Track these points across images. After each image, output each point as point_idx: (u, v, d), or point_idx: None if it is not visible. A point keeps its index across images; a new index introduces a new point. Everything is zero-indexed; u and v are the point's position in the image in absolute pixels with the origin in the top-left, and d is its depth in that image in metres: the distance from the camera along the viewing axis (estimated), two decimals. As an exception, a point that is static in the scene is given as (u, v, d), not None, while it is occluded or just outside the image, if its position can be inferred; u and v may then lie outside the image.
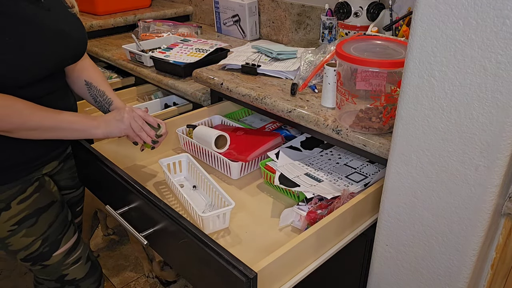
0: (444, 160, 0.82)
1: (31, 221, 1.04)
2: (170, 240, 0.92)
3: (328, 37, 1.69)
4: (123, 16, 2.23)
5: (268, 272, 0.80)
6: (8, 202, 1.00)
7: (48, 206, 1.08)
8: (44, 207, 1.06)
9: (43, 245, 1.07)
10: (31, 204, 1.04)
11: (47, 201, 1.07)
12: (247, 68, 1.40)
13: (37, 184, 1.05)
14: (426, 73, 0.79)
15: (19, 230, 1.03)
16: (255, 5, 2.00)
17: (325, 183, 1.11)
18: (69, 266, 1.14)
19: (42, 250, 1.07)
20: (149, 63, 1.74)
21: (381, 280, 1.06)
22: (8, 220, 1.01)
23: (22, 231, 1.03)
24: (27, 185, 1.03)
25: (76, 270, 1.16)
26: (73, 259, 1.14)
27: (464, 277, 0.89)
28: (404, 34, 1.29)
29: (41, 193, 1.06)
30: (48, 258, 1.09)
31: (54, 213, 1.09)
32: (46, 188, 1.08)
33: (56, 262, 1.11)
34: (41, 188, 1.06)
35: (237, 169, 1.21)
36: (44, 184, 1.07)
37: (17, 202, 1.01)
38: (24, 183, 1.02)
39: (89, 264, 1.20)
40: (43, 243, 1.07)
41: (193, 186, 1.16)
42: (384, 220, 0.99)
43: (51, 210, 1.08)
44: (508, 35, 0.67)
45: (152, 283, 1.90)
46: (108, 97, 1.16)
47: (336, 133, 1.07)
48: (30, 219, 1.04)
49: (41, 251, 1.07)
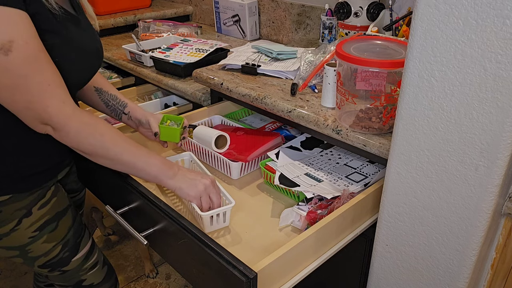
0: (444, 160, 0.82)
1: (52, 225, 1.02)
2: (170, 240, 0.92)
3: (328, 37, 1.69)
4: (123, 16, 2.23)
5: (268, 272, 0.80)
6: (29, 209, 0.98)
7: (66, 210, 1.06)
8: (62, 210, 1.05)
9: (63, 250, 1.06)
10: (51, 209, 1.02)
11: (64, 205, 1.06)
12: (247, 68, 1.40)
13: (54, 188, 1.04)
14: (426, 73, 0.79)
15: (40, 235, 1.01)
16: (255, 5, 2.00)
17: (325, 183, 1.11)
18: (87, 271, 1.12)
19: (62, 255, 1.06)
20: (149, 63, 1.74)
21: (381, 280, 1.06)
22: (30, 227, 0.99)
23: (44, 237, 1.01)
24: (45, 190, 1.01)
25: (94, 275, 1.14)
26: (90, 263, 1.13)
27: (464, 277, 0.89)
28: (404, 34, 1.29)
29: (58, 197, 1.05)
30: (68, 263, 1.07)
31: (71, 217, 1.08)
32: (62, 192, 1.07)
33: (75, 267, 1.09)
34: (57, 192, 1.05)
35: (237, 169, 1.21)
36: (59, 188, 1.06)
37: (38, 207, 0.99)
38: (43, 188, 1.01)
39: (105, 268, 1.19)
40: (63, 248, 1.05)
41: None
42: (384, 220, 0.99)
43: (68, 213, 1.07)
44: (508, 35, 0.67)
45: (152, 283, 1.90)
46: (121, 100, 1.17)
47: (336, 133, 1.07)
48: (51, 224, 1.02)
49: (61, 257, 1.06)
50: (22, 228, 0.98)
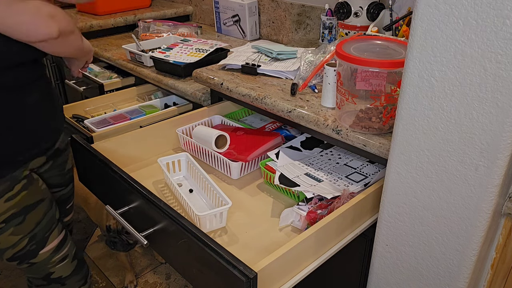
0: (444, 160, 0.82)
1: (18, 219, 1.04)
2: (170, 240, 0.92)
3: (328, 37, 1.69)
4: (123, 16, 2.23)
5: (268, 272, 0.80)
6: None
7: (36, 204, 1.07)
8: (32, 204, 1.06)
9: (30, 243, 1.07)
10: (18, 202, 1.03)
11: (35, 199, 1.07)
12: (247, 68, 1.40)
13: (25, 182, 1.04)
14: (426, 73, 0.79)
15: (6, 228, 1.03)
16: (255, 5, 2.00)
17: (325, 183, 1.11)
18: (55, 264, 1.14)
19: (29, 248, 1.08)
20: (149, 63, 1.74)
21: (381, 280, 1.06)
22: None
23: (10, 229, 1.03)
24: (14, 182, 1.02)
25: (62, 268, 1.16)
26: (59, 257, 1.15)
27: (464, 277, 0.89)
28: (404, 34, 1.29)
29: (29, 191, 1.05)
30: (35, 256, 1.09)
31: (42, 212, 1.09)
32: (35, 186, 1.07)
33: (43, 260, 1.11)
34: (29, 186, 1.05)
35: (237, 169, 1.21)
36: (32, 182, 1.06)
37: (4, 200, 1.01)
38: (12, 180, 1.02)
39: (75, 262, 1.20)
40: (30, 241, 1.07)
41: (189, 190, 1.16)
42: (384, 220, 0.99)
43: (39, 208, 1.08)
44: (508, 35, 0.67)
45: (152, 283, 1.90)
46: None
47: (336, 133, 1.07)
48: (18, 217, 1.04)
49: (28, 249, 1.07)
50: None
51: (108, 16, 2.22)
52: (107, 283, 1.90)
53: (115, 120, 1.51)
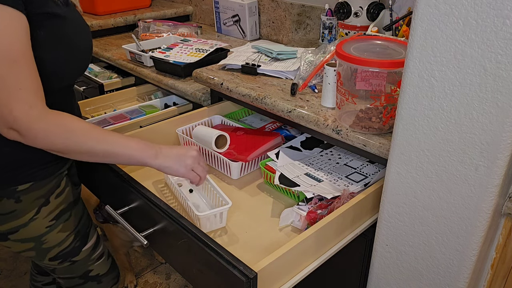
0: (444, 160, 0.82)
1: (66, 215, 1.04)
2: (170, 240, 0.92)
3: (328, 37, 1.69)
4: (123, 16, 2.23)
5: (268, 272, 0.80)
6: (47, 197, 1.00)
7: (77, 200, 1.09)
8: (74, 201, 1.08)
9: (75, 240, 1.08)
10: (65, 198, 1.04)
11: (75, 195, 1.09)
12: (247, 68, 1.40)
13: (67, 178, 1.06)
14: (426, 73, 0.79)
15: (56, 225, 1.03)
16: (255, 5, 2.00)
17: (325, 183, 1.11)
18: (94, 261, 1.15)
19: (74, 245, 1.08)
20: (149, 63, 1.74)
21: (381, 280, 1.06)
22: (48, 215, 1.01)
23: (59, 226, 1.03)
24: (60, 179, 1.03)
25: (100, 265, 1.17)
26: (97, 254, 1.16)
27: (464, 277, 0.89)
28: (404, 34, 1.29)
29: (70, 187, 1.07)
30: (78, 253, 1.10)
31: (81, 207, 1.11)
32: (72, 183, 1.09)
33: (84, 257, 1.12)
34: (69, 182, 1.07)
35: (237, 169, 1.21)
36: (68, 179, 1.08)
37: (55, 196, 1.01)
38: (58, 177, 1.02)
39: (110, 259, 1.22)
40: (76, 238, 1.08)
41: (189, 190, 1.16)
42: (384, 220, 0.99)
43: (79, 203, 1.10)
44: (508, 35, 0.67)
45: (152, 283, 1.90)
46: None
47: (336, 133, 1.07)
48: (66, 213, 1.04)
49: (73, 246, 1.08)
50: (40, 217, 0.99)
51: (108, 16, 2.22)
52: (107, 283, 1.90)
53: (115, 120, 1.51)
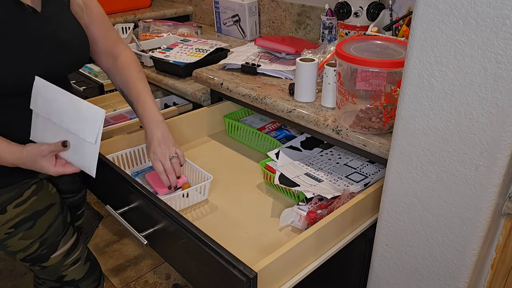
0: (444, 160, 0.82)
1: (28, 224, 1.03)
2: (170, 240, 0.92)
3: (328, 37, 1.69)
4: (123, 16, 2.23)
5: (268, 272, 0.80)
6: (4, 206, 1.00)
7: (47, 209, 1.07)
8: (42, 210, 1.06)
9: (41, 248, 1.07)
10: (28, 208, 1.03)
11: (45, 204, 1.07)
12: (247, 68, 1.40)
13: (35, 187, 1.04)
14: (426, 73, 0.79)
15: (16, 232, 1.03)
16: (255, 5, 2.00)
17: (325, 183, 1.11)
18: (68, 267, 1.13)
19: (40, 252, 1.07)
20: (149, 63, 1.74)
21: (381, 280, 1.06)
22: (5, 223, 1.01)
23: (19, 234, 1.03)
24: (24, 188, 1.02)
25: (75, 270, 1.15)
26: (71, 260, 1.14)
27: (464, 277, 0.89)
28: (404, 34, 1.29)
29: (40, 195, 1.05)
30: (47, 259, 1.09)
31: (53, 216, 1.08)
32: (44, 191, 1.07)
33: (55, 263, 1.11)
34: (39, 191, 1.05)
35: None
36: (42, 187, 1.06)
37: (13, 206, 1.01)
38: (21, 187, 1.02)
39: (88, 264, 1.20)
40: (41, 246, 1.07)
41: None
42: (384, 220, 0.99)
43: (49, 213, 1.07)
44: (508, 35, 0.67)
45: (152, 283, 1.90)
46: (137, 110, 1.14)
47: (336, 133, 1.07)
48: (27, 223, 1.03)
49: (39, 253, 1.07)
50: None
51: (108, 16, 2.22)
52: (107, 283, 1.90)
53: (115, 120, 1.51)
